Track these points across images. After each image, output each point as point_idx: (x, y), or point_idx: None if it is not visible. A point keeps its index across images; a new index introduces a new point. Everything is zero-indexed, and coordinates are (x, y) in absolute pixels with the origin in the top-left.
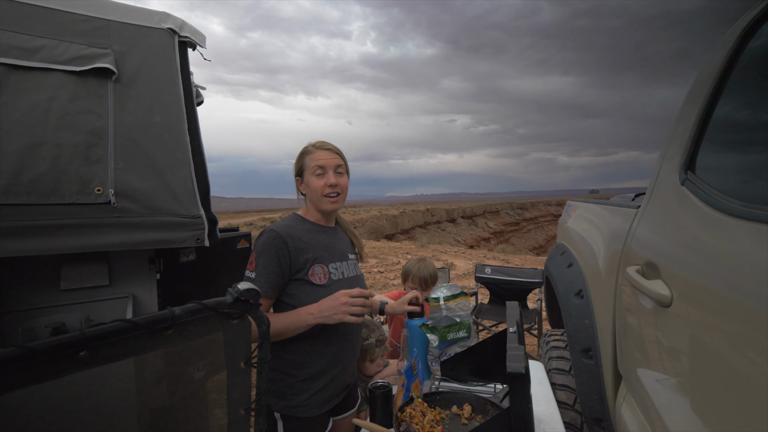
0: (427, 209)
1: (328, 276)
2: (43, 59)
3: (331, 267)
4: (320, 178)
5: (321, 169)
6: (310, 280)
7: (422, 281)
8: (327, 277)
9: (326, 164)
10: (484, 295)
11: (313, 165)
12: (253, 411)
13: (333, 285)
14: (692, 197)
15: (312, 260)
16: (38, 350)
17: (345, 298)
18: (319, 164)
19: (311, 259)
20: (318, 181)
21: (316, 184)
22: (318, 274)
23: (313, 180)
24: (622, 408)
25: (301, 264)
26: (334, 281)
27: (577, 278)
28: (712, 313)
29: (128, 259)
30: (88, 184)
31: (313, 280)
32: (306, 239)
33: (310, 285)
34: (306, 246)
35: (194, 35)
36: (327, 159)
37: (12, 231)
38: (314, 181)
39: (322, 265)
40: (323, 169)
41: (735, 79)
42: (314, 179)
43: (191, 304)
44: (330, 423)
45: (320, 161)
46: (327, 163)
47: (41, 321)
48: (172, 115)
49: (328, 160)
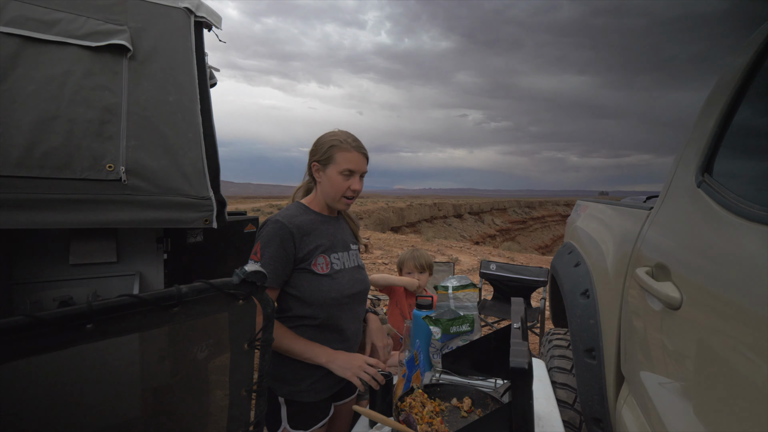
0: (435, 203)
1: (331, 266)
2: (59, 33)
3: (333, 257)
4: (346, 179)
5: (350, 171)
6: (312, 270)
7: (419, 266)
8: (329, 267)
9: (357, 169)
10: (488, 291)
11: (345, 165)
12: (254, 392)
13: (335, 275)
14: (708, 200)
15: (316, 250)
16: (46, 320)
17: (361, 363)
18: (351, 167)
19: (315, 250)
20: (343, 183)
21: (341, 185)
22: (321, 264)
23: (338, 179)
24: (622, 409)
25: (305, 254)
26: (336, 271)
27: (584, 278)
28: (722, 318)
29: (136, 237)
30: (99, 161)
31: (316, 270)
32: (310, 229)
33: (312, 275)
34: (310, 236)
35: (210, 16)
36: (359, 164)
37: (24, 203)
38: (339, 181)
39: (324, 256)
40: (352, 172)
41: (758, 84)
42: (340, 178)
43: (198, 283)
44: (332, 408)
45: (353, 164)
46: (358, 168)
47: (49, 294)
48: (185, 95)
49: (360, 165)
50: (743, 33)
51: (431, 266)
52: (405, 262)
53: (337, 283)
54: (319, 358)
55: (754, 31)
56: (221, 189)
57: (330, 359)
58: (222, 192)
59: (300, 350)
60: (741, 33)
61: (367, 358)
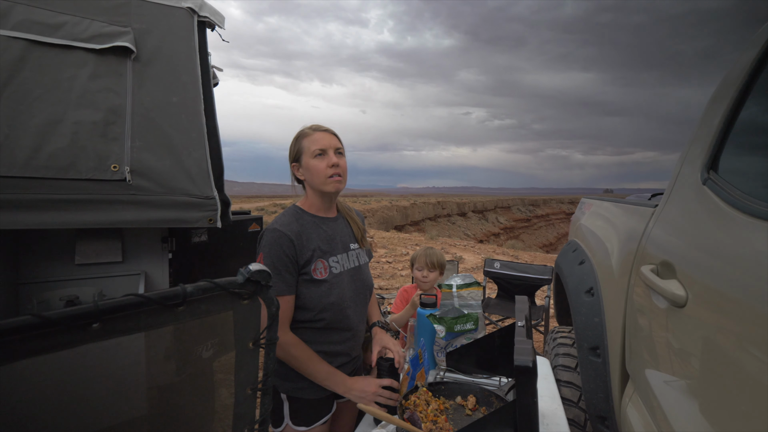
0: (438, 202)
1: (329, 270)
2: (65, 36)
3: (331, 261)
4: (321, 159)
5: (321, 150)
6: (312, 276)
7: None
8: (328, 271)
9: (326, 145)
10: (492, 290)
11: (313, 148)
12: (259, 391)
13: (333, 279)
14: (714, 197)
15: (314, 255)
16: (52, 319)
17: (377, 389)
18: (319, 146)
19: (313, 254)
20: (320, 163)
21: (318, 166)
22: (319, 269)
23: (313, 163)
24: (627, 407)
25: (305, 260)
26: (335, 275)
27: (589, 276)
28: (728, 315)
29: (141, 237)
30: (104, 161)
31: (315, 276)
32: (307, 234)
33: (311, 281)
34: (308, 241)
35: (213, 15)
36: (326, 140)
37: (30, 204)
38: (315, 164)
39: (323, 260)
40: (323, 150)
41: (764, 80)
42: (315, 162)
43: (203, 282)
44: (334, 406)
45: (320, 143)
46: (327, 144)
47: (56, 294)
48: (189, 96)
49: (328, 141)
50: (749, 29)
51: (443, 266)
52: (417, 258)
53: (337, 288)
54: (337, 389)
55: (760, 27)
56: (225, 188)
57: (347, 390)
58: (226, 191)
59: (322, 378)
60: (747, 29)
61: (380, 382)
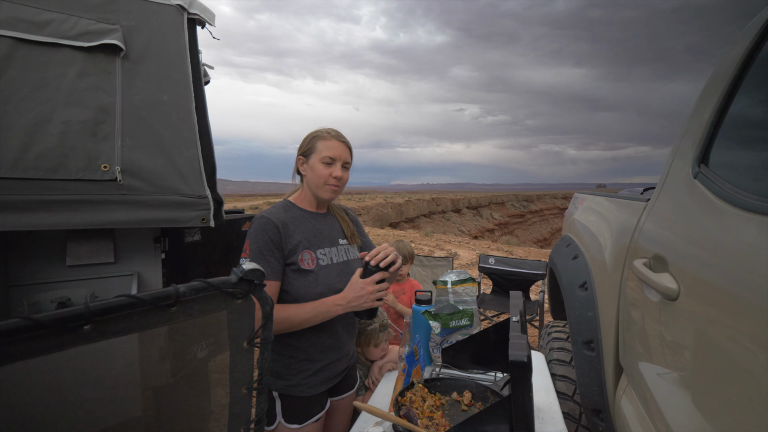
0: (433, 198)
1: (316, 261)
2: (51, 34)
3: (319, 253)
4: (328, 167)
5: (331, 159)
6: (299, 266)
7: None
8: (315, 262)
9: (337, 156)
10: (487, 285)
11: (325, 153)
12: (255, 390)
13: (321, 271)
14: (705, 190)
15: (300, 246)
16: (43, 322)
17: (371, 287)
18: (331, 154)
19: (298, 245)
20: (325, 170)
21: (322, 172)
22: (306, 260)
23: (319, 167)
24: (621, 400)
25: (289, 249)
26: (322, 267)
27: (582, 270)
28: (720, 308)
29: (133, 237)
30: (94, 161)
31: (302, 266)
32: (294, 225)
33: (298, 271)
34: (294, 232)
35: (203, 12)
36: (339, 151)
37: (19, 205)
38: (321, 168)
39: (309, 251)
40: (333, 160)
41: (753, 74)
42: (321, 166)
43: (196, 282)
44: (328, 403)
45: (332, 151)
46: (338, 155)
47: (47, 296)
48: (180, 94)
49: (340, 153)
50: (738, 25)
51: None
52: None
53: (323, 278)
54: (336, 311)
55: (749, 22)
56: (218, 187)
57: (347, 305)
58: (219, 190)
59: (312, 316)
60: (736, 25)
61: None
